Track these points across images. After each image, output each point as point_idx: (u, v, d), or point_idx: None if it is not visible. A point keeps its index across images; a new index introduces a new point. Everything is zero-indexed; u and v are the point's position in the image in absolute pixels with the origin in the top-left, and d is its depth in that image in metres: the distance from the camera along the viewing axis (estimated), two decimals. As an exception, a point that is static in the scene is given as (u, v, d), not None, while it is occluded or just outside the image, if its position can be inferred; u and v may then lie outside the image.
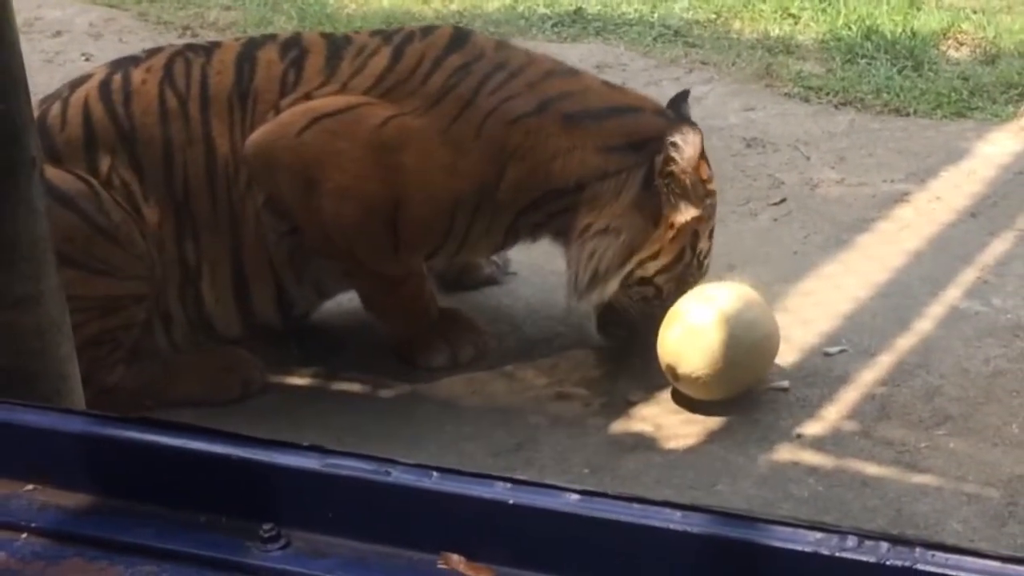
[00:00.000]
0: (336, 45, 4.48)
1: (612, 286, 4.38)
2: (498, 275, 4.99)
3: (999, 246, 5.08)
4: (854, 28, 6.95)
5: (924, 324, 4.63)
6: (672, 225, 4.32)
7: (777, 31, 7.09)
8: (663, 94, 4.99)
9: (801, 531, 1.44)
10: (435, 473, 1.56)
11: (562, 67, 4.57)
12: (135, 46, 7.26)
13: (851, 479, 3.94)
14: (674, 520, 1.48)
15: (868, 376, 4.38)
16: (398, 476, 1.57)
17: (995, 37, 6.82)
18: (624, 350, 4.54)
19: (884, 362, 4.44)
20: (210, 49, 4.49)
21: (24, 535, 1.62)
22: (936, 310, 4.70)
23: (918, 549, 1.40)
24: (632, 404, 4.34)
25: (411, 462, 1.58)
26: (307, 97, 4.34)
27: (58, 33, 7.55)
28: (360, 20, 7.47)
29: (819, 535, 1.43)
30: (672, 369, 4.23)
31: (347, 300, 4.68)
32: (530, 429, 4.25)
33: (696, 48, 6.90)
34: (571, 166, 4.33)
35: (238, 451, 1.63)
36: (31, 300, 2.91)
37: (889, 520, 3.72)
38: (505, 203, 4.37)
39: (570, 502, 1.51)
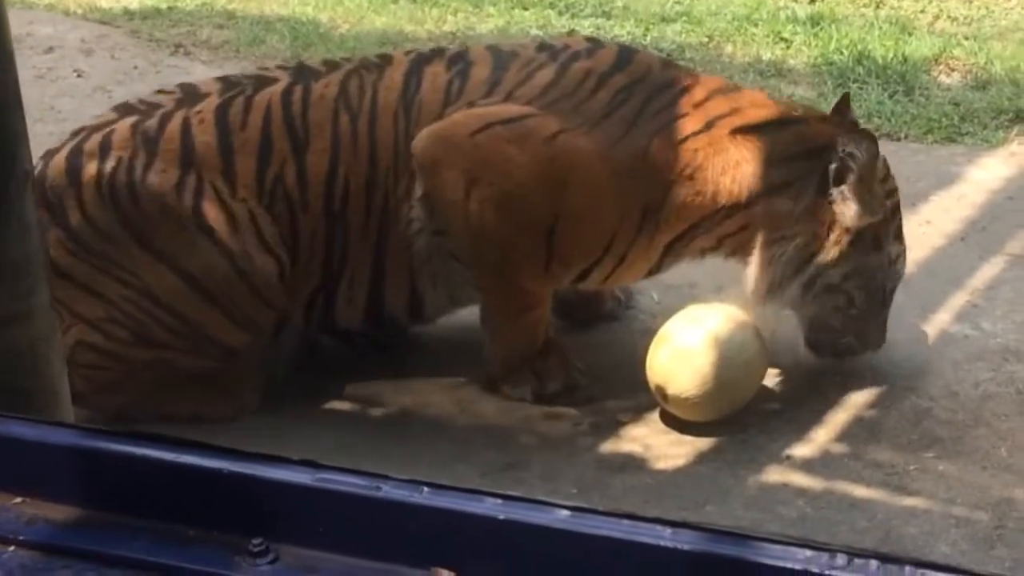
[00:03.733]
0: (502, 58, 4.50)
1: (792, 293, 4.37)
2: (618, 311, 4.94)
3: (989, 270, 5.09)
4: (846, 53, 6.97)
5: (914, 347, 4.63)
6: (848, 231, 4.32)
7: (769, 55, 7.11)
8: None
9: (792, 549, 1.44)
10: (426, 489, 1.56)
11: (727, 85, 4.58)
12: (127, 63, 7.30)
13: (840, 501, 3.94)
14: (664, 537, 1.48)
15: (858, 398, 4.39)
16: (389, 491, 1.56)
17: (986, 63, 6.84)
18: (612, 371, 4.55)
19: (873, 384, 4.44)
20: (382, 66, 4.53)
21: (12, 548, 1.61)
22: (926, 333, 4.71)
23: (908, 568, 1.40)
24: (621, 424, 4.33)
25: (402, 477, 1.58)
26: (470, 106, 4.36)
27: (50, 49, 7.54)
28: (353, 40, 7.48)
29: (809, 553, 1.43)
30: (661, 390, 4.23)
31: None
32: (519, 449, 4.24)
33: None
34: (742, 180, 4.32)
35: (228, 465, 1.63)
36: (23, 316, 2.89)
37: (878, 542, 3.72)
38: (668, 223, 4.35)
39: (561, 518, 1.51)
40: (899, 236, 4.44)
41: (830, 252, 4.32)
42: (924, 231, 5.37)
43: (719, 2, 7.88)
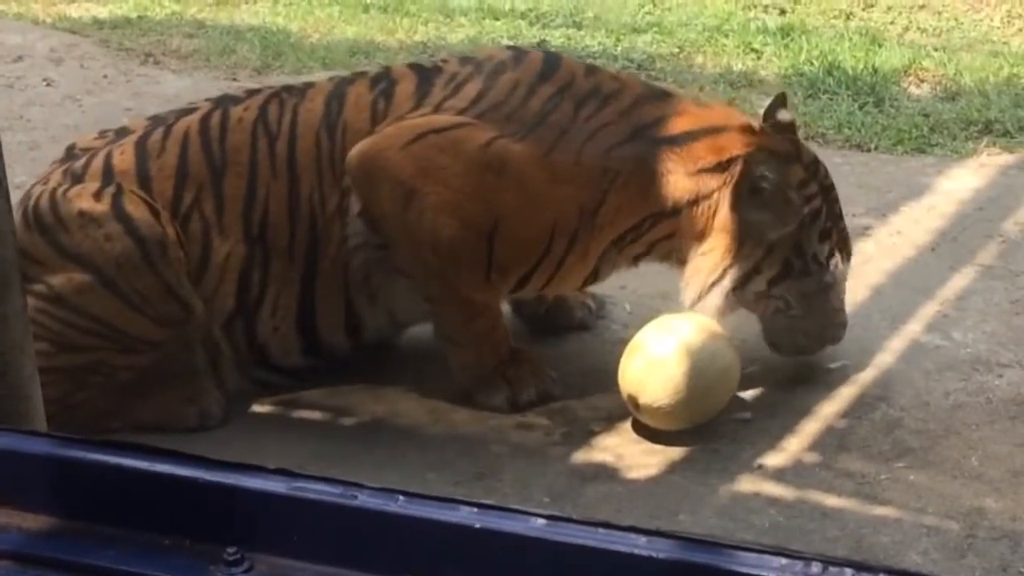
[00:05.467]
0: (426, 73, 4.53)
1: (719, 301, 4.39)
2: (590, 320, 4.94)
3: (959, 281, 5.11)
4: (816, 64, 7.00)
5: (885, 357, 4.65)
6: (761, 243, 4.36)
7: (740, 66, 7.13)
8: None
9: (766, 556, 1.44)
10: (401, 497, 1.56)
11: (652, 90, 4.61)
12: (96, 72, 7.28)
13: (812, 510, 3.94)
14: (639, 545, 1.48)
15: (829, 408, 4.40)
16: (364, 500, 1.56)
17: (955, 74, 6.87)
18: (584, 380, 4.55)
19: (845, 394, 4.46)
20: (304, 90, 4.58)
21: (-14, 557, 1.61)
22: (897, 343, 4.73)
23: (882, 575, 1.41)
24: (594, 434, 4.34)
25: (377, 486, 1.58)
26: (400, 121, 4.39)
27: (19, 58, 7.53)
28: (323, 49, 7.48)
29: (784, 561, 1.44)
30: (633, 399, 4.24)
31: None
32: (492, 458, 4.24)
33: (659, 81, 6.91)
34: (666, 192, 4.37)
35: (203, 474, 1.62)
36: (-6, 323, 2.88)
37: (849, 551, 3.73)
38: (603, 229, 4.39)
39: (536, 527, 1.51)
40: (825, 236, 4.45)
41: (748, 263, 4.37)
42: (894, 242, 5.39)
43: (690, 13, 7.90)
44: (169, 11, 8.16)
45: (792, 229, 4.37)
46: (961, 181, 5.89)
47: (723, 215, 4.35)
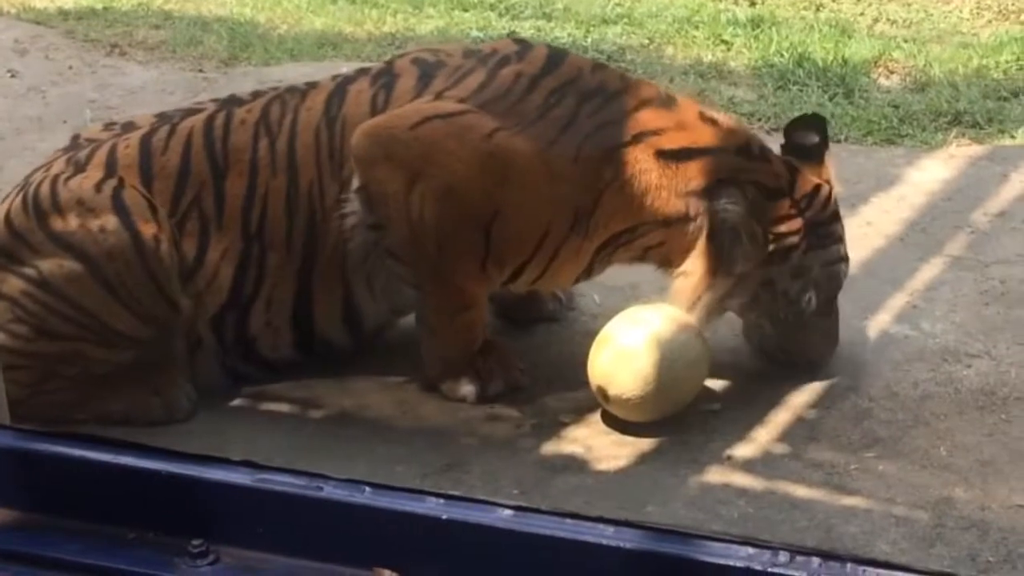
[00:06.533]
0: (428, 68, 4.53)
1: (702, 318, 4.38)
2: (559, 312, 4.93)
3: (928, 271, 5.12)
4: (786, 55, 7.00)
5: (854, 348, 4.65)
6: (730, 274, 4.35)
7: (710, 57, 7.13)
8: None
9: (734, 547, 1.44)
10: (368, 488, 1.55)
11: (660, 95, 4.52)
12: (62, 63, 7.24)
13: (781, 500, 3.95)
14: (607, 536, 1.48)
15: (798, 399, 4.40)
16: (330, 492, 1.55)
17: (925, 66, 6.89)
18: (553, 372, 4.55)
19: (814, 385, 4.46)
20: (306, 91, 4.58)
21: (-52, 551, 1.59)
22: (866, 334, 4.73)
23: (849, 564, 1.41)
24: (563, 425, 4.33)
25: (343, 477, 1.57)
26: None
27: (-17, 49, 7.48)
28: (291, 41, 7.45)
29: (751, 550, 1.43)
30: (603, 391, 4.24)
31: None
32: (460, 450, 4.23)
33: (629, 73, 6.92)
34: (659, 205, 4.36)
35: (168, 466, 1.61)
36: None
37: (818, 541, 3.73)
38: (597, 228, 4.38)
39: (503, 517, 1.51)
40: (800, 274, 4.41)
41: (719, 291, 4.37)
42: (864, 232, 5.40)
43: (659, 4, 7.90)
44: (135, 2, 8.11)
45: (759, 263, 4.36)
46: (930, 172, 5.90)
47: (703, 240, 4.34)
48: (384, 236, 4.38)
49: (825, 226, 4.45)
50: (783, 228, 4.38)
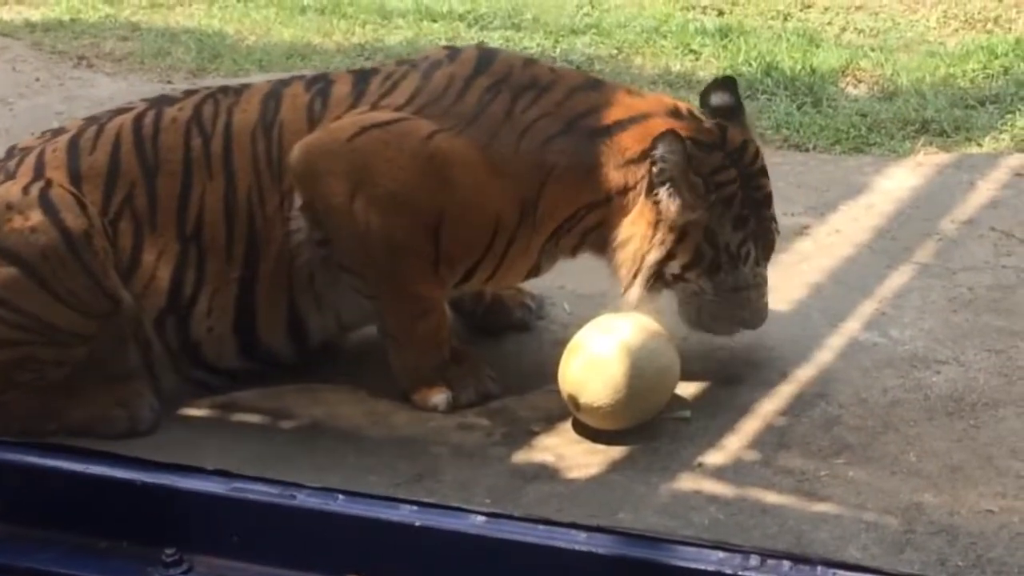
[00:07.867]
0: (362, 74, 4.58)
1: (640, 292, 4.40)
2: (529, 320, 4.94)
3: (897, 279, 5.14)
4: (754, 65, 7.04)
5: (824, 355, 4.67)
6: (672, 228, 4.36)
7: (678, 67, 7.16)
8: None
9: (705, 551, 1.45)
10: (340, 496, 1.55)
11: (587, 81, 4.63)
12: (28, 75, 7.23)
13: (751, 507, 3.96)
14: (579, 541, 1.48)
15: (768, 406, 4.42)
16: (304, 500, 1.56)
17: (892, 74, 6.93)
18: (524, 381, 4.56)
19: (784, 392, 4.48)
20: (240, 91, 4.59)
21: (-80, 562, 1.59)
22: (835, 341, 4.75)
23: (819, 567, 1.41)
24: (534, 434, 4.34)
25: (317, 486, 1.57)
26: (338, 119, 4.40)
27: (-50, 61, 7.46)
28: (260, 52, 7.45)
29: (722, 555, 1.44)
30: (574, 399, 4.24)
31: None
32: (432, 459, 4.23)
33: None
34: (598, 183, 4.39)
35: (141, 476, 1.61)
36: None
37: (789, 547, 3.74)
38: (543, 220, 4.41)
39: (476, 524, 1.51)
40: (740, 225, 4.44)
41: (661, 249, 4.38)
42: (832, 240, 5.42)
43: (628, 14, 7.93)
44: (103, 13, 8.10)
45: (701, 215, 4.38)
46: (898, 180, 5.93)
47: (638, 205, 4.37)
48: (333, 251, 4.39)
49: (757, 178, 4.51)
50: (721, 177, 4.41)
